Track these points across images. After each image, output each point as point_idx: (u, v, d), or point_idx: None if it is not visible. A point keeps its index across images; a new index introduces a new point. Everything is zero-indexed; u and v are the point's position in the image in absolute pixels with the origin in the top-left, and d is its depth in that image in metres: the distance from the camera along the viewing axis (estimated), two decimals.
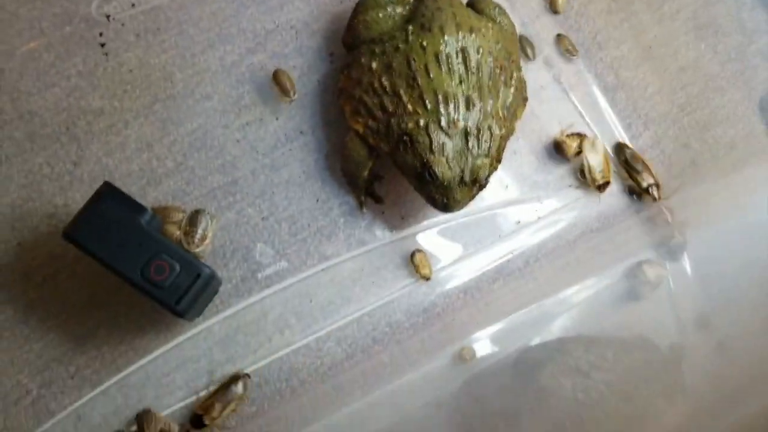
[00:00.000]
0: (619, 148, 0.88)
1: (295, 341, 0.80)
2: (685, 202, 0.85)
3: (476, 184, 0.73)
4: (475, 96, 0.73)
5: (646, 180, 0.86)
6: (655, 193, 0.85)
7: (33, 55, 0.82)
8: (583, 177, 0.86)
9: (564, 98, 0.90)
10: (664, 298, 0.80)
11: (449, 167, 0.71)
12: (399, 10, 0.80)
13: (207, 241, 0.78)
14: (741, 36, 0.94)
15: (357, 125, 0.77)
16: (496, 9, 0.83)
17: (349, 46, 0.81)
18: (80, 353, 0.77)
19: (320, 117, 0.85)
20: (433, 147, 0.71)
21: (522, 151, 0.87)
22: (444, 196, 0.72)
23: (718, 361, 0.73)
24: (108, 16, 0.84)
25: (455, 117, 0.72)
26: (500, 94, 0.75)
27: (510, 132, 0.77)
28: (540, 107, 0.86)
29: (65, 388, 0.77)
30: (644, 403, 0.72)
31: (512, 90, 0.77)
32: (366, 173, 0.79)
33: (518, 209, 0.86)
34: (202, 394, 0.77)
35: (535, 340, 0.79)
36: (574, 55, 0.89)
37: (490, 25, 0.79)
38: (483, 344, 0.79)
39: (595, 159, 0.85)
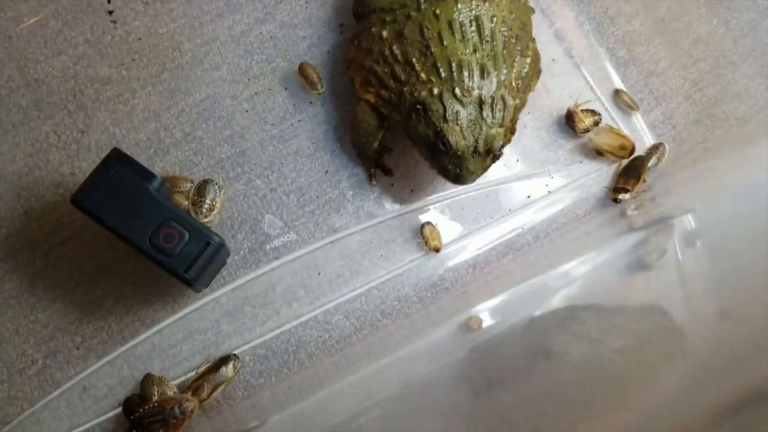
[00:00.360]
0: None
1: (303, 314, 0.80)
2: (696, 177, 0.84)
3: (490, 154, 0.72)
4: (489, 64, 0.72)
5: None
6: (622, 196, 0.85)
7: (40, 23, 0.81)
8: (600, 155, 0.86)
9: (575, 73, 0.89)
10: (671, 267, 0.80)
11: (463, 136, 0.70)
12: None
13: (215, 211, 0.78)
14: (754, 12, 0.93)
15: (368, 95, 0.76)
16: None
17: (359, 15, 0.80)
18: (86, 323, 0.77)
19: (329, 88, 0.84)
20: (447, 115, 0.70)
21: (532, 125, 0.86)
22: (457, 166, 0.71)
23: (721, 328, 0.73)
24: None
25: (470, 85, 0.71)
26: (515, 64, 0.74)
27: (523, 103, 0.76)
28: (551, 81, 0.85)
29: (71, 358, 0.76)
30: (651, 367, 0.72)
31: (528, 60, 0.76)
32: (376, 144, 0.79)
33: (528, 184, 0.85)
34: (190, 375, 0.76)
35: (543, 309, 0.78)
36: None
37: None
38: (491, 314, 0.78)
39: (610, 140, 0.85)
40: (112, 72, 0.81)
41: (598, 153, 0.86)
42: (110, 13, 0.82)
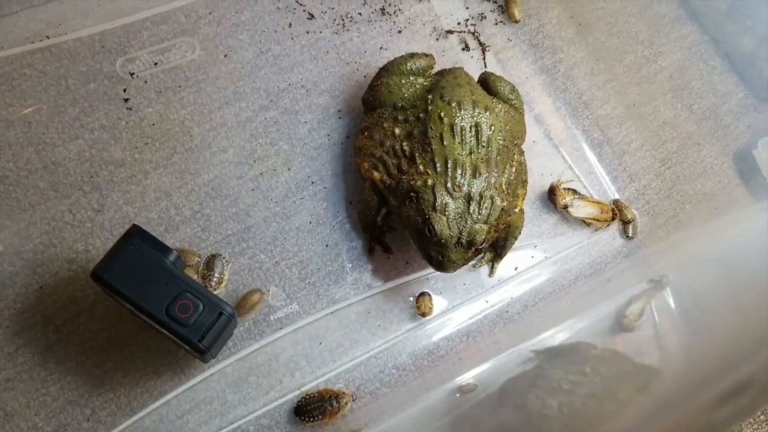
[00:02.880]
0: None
1: (305, 383, 0.83)
2: (670, 247, 0.91)
3: (472, 247, 0.77)
4: (482, 166, 0.79)
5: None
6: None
7: (59, 110, 0.87)
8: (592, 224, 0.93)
9: (555, 153, 0.96)
10: (649, 329, 0.86)
11: (449, 226, 0.76)
12: (420, 80, 0.86)
13: (223, 284, 0.82)
14: (713, 97, 1.02)
15: (373, 177, 0.83)
16: (508, 87, 0.89)
17: (368, 105, 0.87)
18: (96, 395, 0.79)
19: (329, 168, 0.90)
20: (437, 205, 0.76)
21: None
22: (440, 254, 0.77)
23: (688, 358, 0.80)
24: (132, 74, 0.89)
25: (461, 182, 0.77)
26: (506, 170, 0.81)
27: (511, 207, 0.82)
28: (532, 161, 0.93)
29: (80, 430, 0.78)
30: (624, 398, 0.77)
31: (513, 170, 0.83)
32: (380, 219, 0.84)
33: (515, 256, 0.91)
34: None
35: (519, 371, 0.84)
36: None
37: (501, 106, 0.86)
38: (480, 378, 0.83)
39: (590, 209, 0.92)
40: (126, 155, 0.86)
41: (587, 224, 0.93)
42: (126, 101, 0.88)
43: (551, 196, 0.93)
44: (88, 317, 0.81)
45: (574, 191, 0.93)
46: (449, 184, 0.77)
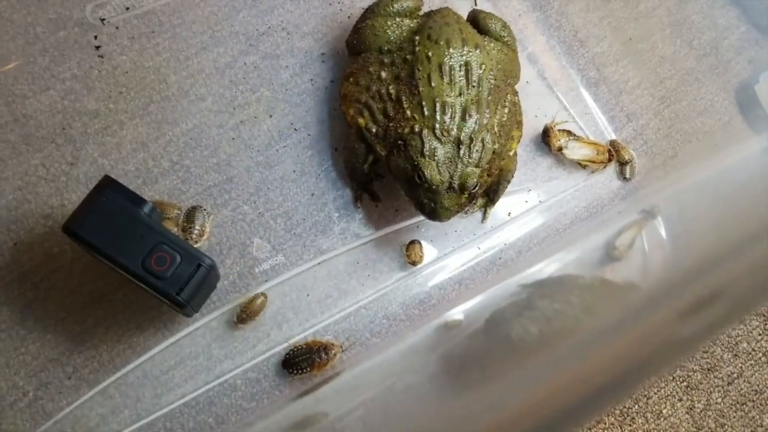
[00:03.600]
0: None
1: (293, 335, 0.81)
2: (667, 187, 0.88)
3: (464, 191, 0.74)
4: (472, 108, 0.75)
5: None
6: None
7: (28, 60, 0.83)
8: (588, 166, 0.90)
9: (549, 93, 0.92)
10: (637, 259, 0.84)
11: (439, 171, 0.73)
12: (407, 21, 0.82)
13: (205, 236, 0.79)
14: (714, 32, 0.98)
15: (359, 124, 0.79)
16: (499, 23, 0.85)
17: (353, 48, 0.83)
18: (78, 353, 0.77)
19: (313, 115, 0.86)
20: (425, 151, 0.73)
21: None
22: (432, 201, 0.74)
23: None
24: (102, 20, 0.85)
25: (450, 125, 0.74)
26: (498, 111, 0.78)
27: (504, 150, 0.79)
28: (525, 102, 0.88)
29: (62, 388, 0.76)
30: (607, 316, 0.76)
31: (506, 111, 0.79)
32: (366, 167, 0.81)
33: (508, 201, 0.88)
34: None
35: (505, 304, 0.82)
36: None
37: (493, 44, 0.82)
38: (466, 314, 0.81)
39: (585, 150, 0.88)
40: (100, 105, 0.83)
41: (582, 166, 0.89)
42: (97, 48, 0.84)
43: (545, 138, 0.89)
44: (66, 273, 0.78)
45: (569, 132, 0.90)
46: (437, 129, 0.74)
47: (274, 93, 0.86)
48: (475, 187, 0.74)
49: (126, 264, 0.68)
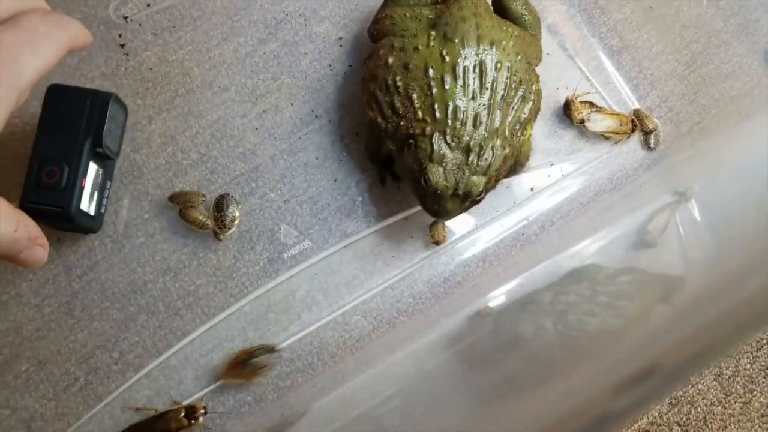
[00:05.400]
0: None
1: (323, 316, 0.84)
2: (694, 156, 0.87)
3: (468, 198, 0.74)
4: (483, 114, 0.74)
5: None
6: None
7: (58, 60, 0.86)
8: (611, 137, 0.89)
9: (570, 64, 0.91)
10: (674, 243, 0.83)
11: (445, 178, 0.72)
12: (426, 12, 0.80)
13: (237, 221, 0.82)
14: None
15: (371, 115, 0.79)
16: (521, 1, 0.83)
17: (373, 38, 0.83)
18: (123, 339, 0.82)
19: (333, 100, 0.88)
20: (433, 155, 0.72)
21: None
22: (435, 203, 0.74)
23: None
24: (125, 18, 0.88)
25: (461, 132, 0.73)
26: (513, 112, 0.76)
27: (516, 150, 0.77)
28: (546, 74, 0.88)
29: (110, 373, 0.81)
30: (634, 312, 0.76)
31: (529, 106, 0.77)
32: (385, 151, 0.82)
33: (531, 175, 0.88)
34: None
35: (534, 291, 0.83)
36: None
37: (512, 32, 0.79)
38: (498, 301, 0.82)
39: (608, 122, 0.88)
40: (128, 102, 0.85)
41: (606, 138, 0.89)
42: (122, 46, 0.87)
43: (567, 110, 0.89)
44: (107, 265, 0.82)
45: (591, 104, 0.89)
46: (449, 134, 0.73)
47: (295, 80, 0.88)
48: (480, 194, 0.74)
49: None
